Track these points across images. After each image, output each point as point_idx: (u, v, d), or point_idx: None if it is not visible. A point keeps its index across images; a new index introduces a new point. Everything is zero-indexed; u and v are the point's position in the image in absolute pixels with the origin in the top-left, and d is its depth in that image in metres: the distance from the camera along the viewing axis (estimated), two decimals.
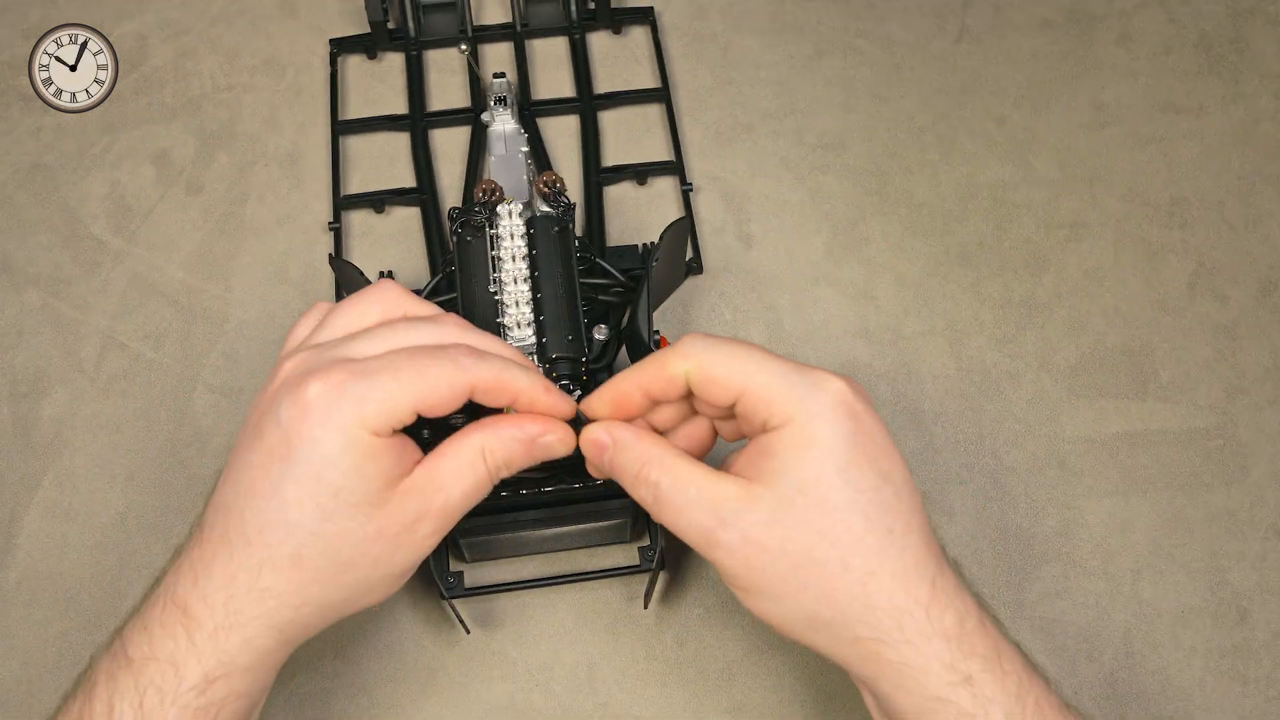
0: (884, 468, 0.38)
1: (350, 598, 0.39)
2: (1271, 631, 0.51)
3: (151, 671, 0.37)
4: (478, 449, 0.39)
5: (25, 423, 0.56)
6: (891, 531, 0.37)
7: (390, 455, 0.38)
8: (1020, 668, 0.38)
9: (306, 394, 0.37)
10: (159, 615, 0.38)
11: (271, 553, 0.37)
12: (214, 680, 0.38)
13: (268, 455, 0.38)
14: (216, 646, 0.38)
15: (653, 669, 0.50)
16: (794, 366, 0.39)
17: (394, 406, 0.37)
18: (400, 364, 0.38)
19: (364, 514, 0.38)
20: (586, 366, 0.50)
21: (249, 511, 0.38)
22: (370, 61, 0.67)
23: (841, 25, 0.67)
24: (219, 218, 0.61)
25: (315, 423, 0.37)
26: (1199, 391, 0.57)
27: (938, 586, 0.38)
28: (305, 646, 0.50)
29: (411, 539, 0.39)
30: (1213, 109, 0.65)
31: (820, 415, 0.37)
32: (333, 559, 0.38)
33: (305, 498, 0.37)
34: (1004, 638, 0.39)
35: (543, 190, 0.53)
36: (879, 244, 0.61)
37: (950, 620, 0.37)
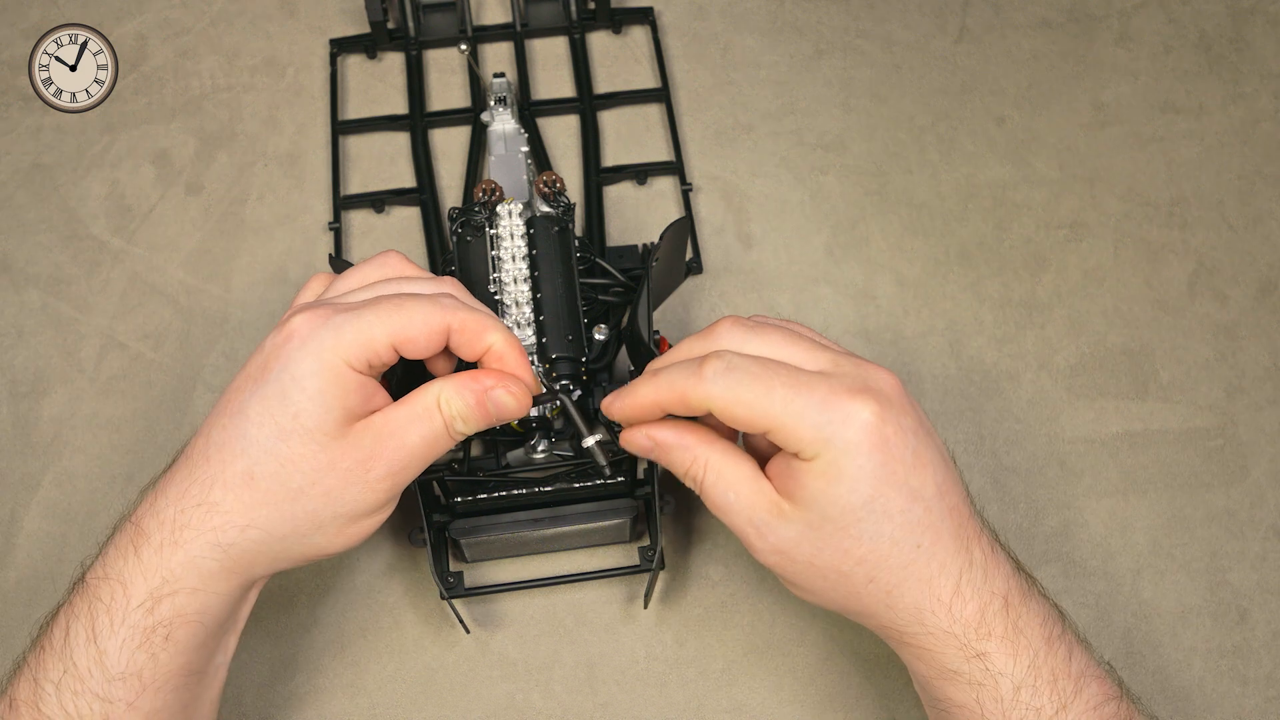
0: (914, 485, 0.38)
1: (299, 531, 0.39)
2: (1271, 631, 0.51)
3: (102, 591, 0.38)
4: (434, 397, 0.40)
5: (25, 423, 0.56)
6: (919, 546, 0.39)
7: (357, 392, 0.39)
8: (1041, 641, 0.39)
9: (289, 325, 0.39)
10: (116, 538, 0.39)
11: (224, 468, 0.38)
12: (160, 599, 0.38)
13: (244, 379, 0.39)
14: (161, 562, 0.38)
15: (653, 669, 0.50)
16: (821, 397, 0.38)
17: (370, 335, 0.38)
18: (380, 300, 0.40)
19: (318, 442, 0.38)
20: (586, 366, 0.50)
21: (214, 430, 0.39)
22: (370, 61, 0.67)
23: (841, 25, 0.67)
24: (219, 218, 0.61)
25: (294, 346, 0.38)
26: (1199, 391, 0.57)
27: (962, 583, 0.39)
28: (305, 647, 0.50)
29: (364, 479, 0.39)
30: (1213, 109, 0.65)
31: (846, 452, 0.37)
32: (283, 483, 0.38)
33: (266, 415, 0.38)
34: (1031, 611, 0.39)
35: (543, 190, 0.53)
36: (879, 244, 0.61)
37: (971, 611, 0.39)
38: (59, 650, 0.38)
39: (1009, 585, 0.40)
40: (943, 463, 0.40)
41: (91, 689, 0.37)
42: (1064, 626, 0.40)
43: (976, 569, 0.39)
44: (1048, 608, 0.40)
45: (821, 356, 0.40)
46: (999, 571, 0.40)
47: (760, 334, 0.40)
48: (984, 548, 0.40)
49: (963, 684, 0.39)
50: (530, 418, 0.49)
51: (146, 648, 0.38)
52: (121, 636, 0.37)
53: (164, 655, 0.38)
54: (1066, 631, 0.40)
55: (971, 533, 0.40)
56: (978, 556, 0.39)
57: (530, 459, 0.49)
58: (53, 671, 0.37)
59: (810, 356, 0.40)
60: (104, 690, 0.37)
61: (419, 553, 0.52)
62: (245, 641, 0.50)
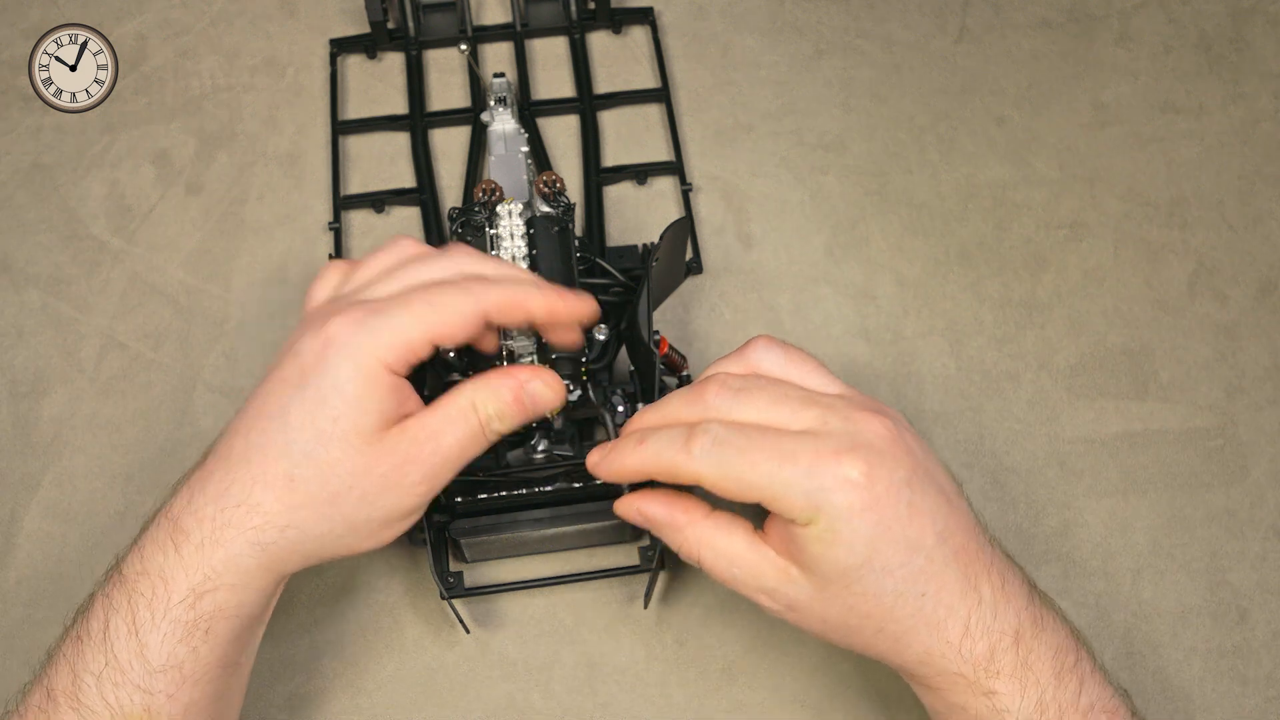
0: (912, 537, 0.38)
1: (335, 532, 0.40)
2: (1271, 631, 0.51)
3: (142, 586, 0.38)
4: (469, 400, 0.41)
5: (25, 423, 0.56)
6: (924, 595, 0.39)
7: (393, 395, 0.40)
8: (1050, 676, 0.39)
9: (327, 329, 0.39)
10: (153, 533, 0.40)
11: (265, 470, 0.39)
12: (201, 595, 0.39)
13: (281, 383, 0.40)
14: (202, 560, 0.39)
15: (653, 669, 0.50)
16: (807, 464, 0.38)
17: (408, 337, 0.39)
18: (412, 297, 0.40)
19: (355, 446, 0.39)
20: (586, 366, 0.50)
21: (253, 432, 0.40)
22: (370, 61, 0.67)
23: (841, 25, 0.67)
24: (219, 218, 0.61)
25: (332, 352, 0.39)
26: (1199, 391, 0.57)
27: (971, 623, 0.39)
28: (305, 647, 0.50)
29: (400, 482, 0.40)
30: (1213, 109, 0.65)
31: (839, 517, 0.38)
32: (323, 486, 0.39)
33: (306, 420, 0.39)
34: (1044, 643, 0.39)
35: (543, 190, 0.53)
36: (879, 244, 0.61)
37: (980, 650, 0.39)
38: (98, 643, 0.38)
39: (1020, 619, 0.39)
40: (944, 505, 0.39)
41: (132, 680, 0.38)
42: (1078, 657, 0.40)
43: (986, 607, 0.39)
44: (1062, 637, 0.40)
45: (808, 414, 0.39)
46: (1010, 606, 0.39)
47: (746, 398, 0.40)
48: (994, 583, 0.39)
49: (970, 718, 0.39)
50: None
51: (188, 641, 0.39)
52: (163, 630, 0.38)
53: (204, 648, 0.39)
54: (1080, 663, 0.40)
55: (980, 569, 0.39)
56: (987, 594, 0.39)
57: (530, 459, 0.49)
58: (93, 664, 0.38)
59: (797, 415, 0.40)
60: (145, 682, 0.38)
61: (419, 553, 0.52)
62: None
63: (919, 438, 0.41)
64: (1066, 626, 0.41)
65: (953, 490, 0.41)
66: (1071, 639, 0.40)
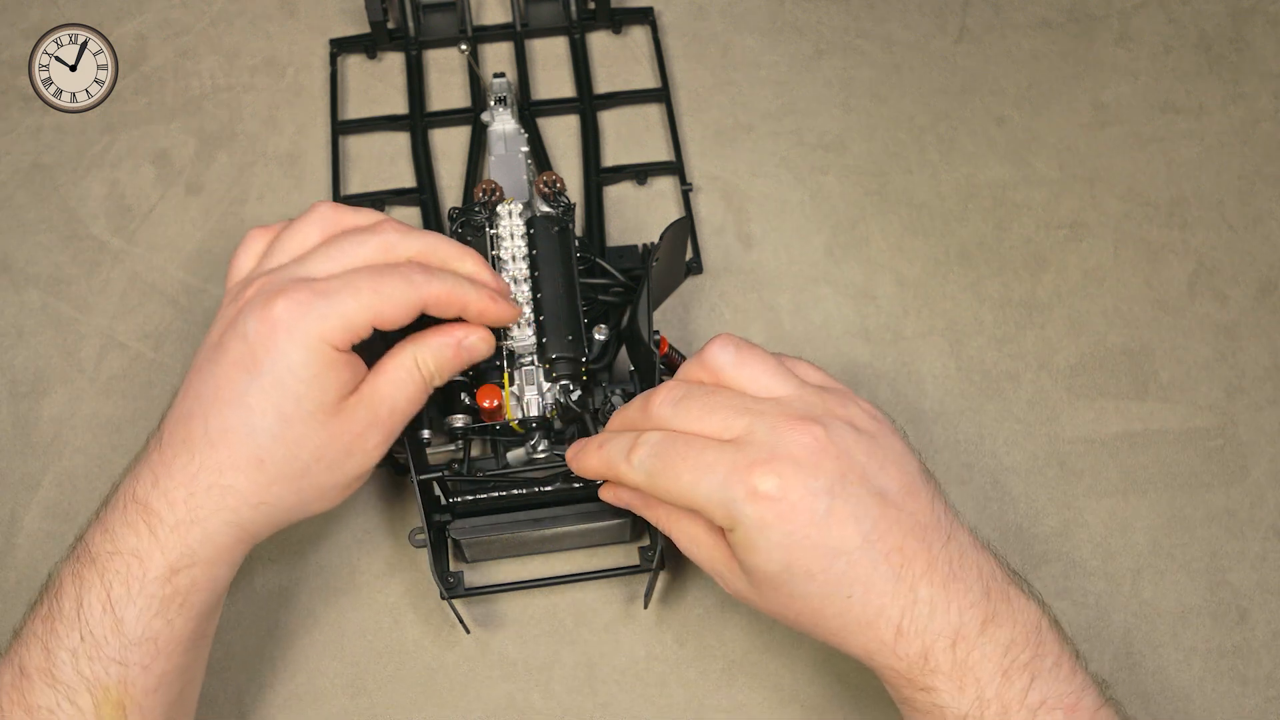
0: (832, 544, 0.39)
1: (305, 500, 0.43)
2: (1271, 631, 0.51)
3: (116, 564, 0.39)
4: (411, 360, 0.44)
5: (25, 423, 0.56)
6: (850, 597, 0.39)
7: (346, 369, 0.42)
8: (995, 674, 0.39)
9: (273, 311, 0.40)
10: (120, 515, 0.40)
11: (234, 454, 0.40)
12: (177, 571, 0.40)
13: (232, 366, 0.41)
14: (179, 539, 0.40)
15: (653, 669, 0.50)
16: (723, 477, 0.39)
17: (353, 322, 0.41)
18: (359, 283, 0.41)
19: (319, 421, 0.41)
20: (586, 366, 0.50)
21: (212, 417, 0.40)
22: (370, 61, 0.67)
23: (841, 25, 0.67)
24: (219, 218, 0.61)
25: (281, 337, 0.40)
26: (1199, 391, 0.57)
27: (904, 623, 0.39)
28: (306, 648, 0.50)
29: (362, 446, 0.43)
30: (1213, 109, 0.65)
31: (754, 527, 0.39)
32: (291, 463, 0.41)
33: (268, 404, 0.40)
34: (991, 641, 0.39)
35: (543, 190, 0.53)
36: (879, 244, 0.61)
37: (915, 649, 0.39)
38: (71, 620, 0.39)
39: (964, 618, 0.39)
40: (877, 508, 0.40)
41: (108, 654, 0.39)
42: (1036, 653, 0.39)
43: (921, 607, 0.39)
44: (1020, 632, 0.39)
45: (738, 424, 0.41)
46: (953, 605, 0.39)
47: (684, 408, 0.42)
48: (936, 581, 0.39)
49: (913, 712, 0.41)
50: (530, 417, 0.49)
51: (163, 614, 0.40)
52: (139, 605, 0.39)
53: (178, 621, 0.40)
54: (1039, 659, 0.39)
55: (920, 569, 0.39)
56: (924, 594, 0.39)
57: (530, 459, 0.49)
58: (67, 640, 0.39)
59: (728, 425, 0.41)
60: (121, 655, 0.39)
61: (419, 553, 0.52)
62: (246, 642, 0.50)
63: (875, 435, 0.42)
64: (1033, 621, 0.40)
65: (901, 490, 0.41)
66: (1034, 633, 0.40)
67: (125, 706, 0.39)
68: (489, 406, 0.48)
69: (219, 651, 0.50)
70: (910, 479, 0.41)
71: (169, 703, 0.41)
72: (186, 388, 0.43)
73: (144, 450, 0.43)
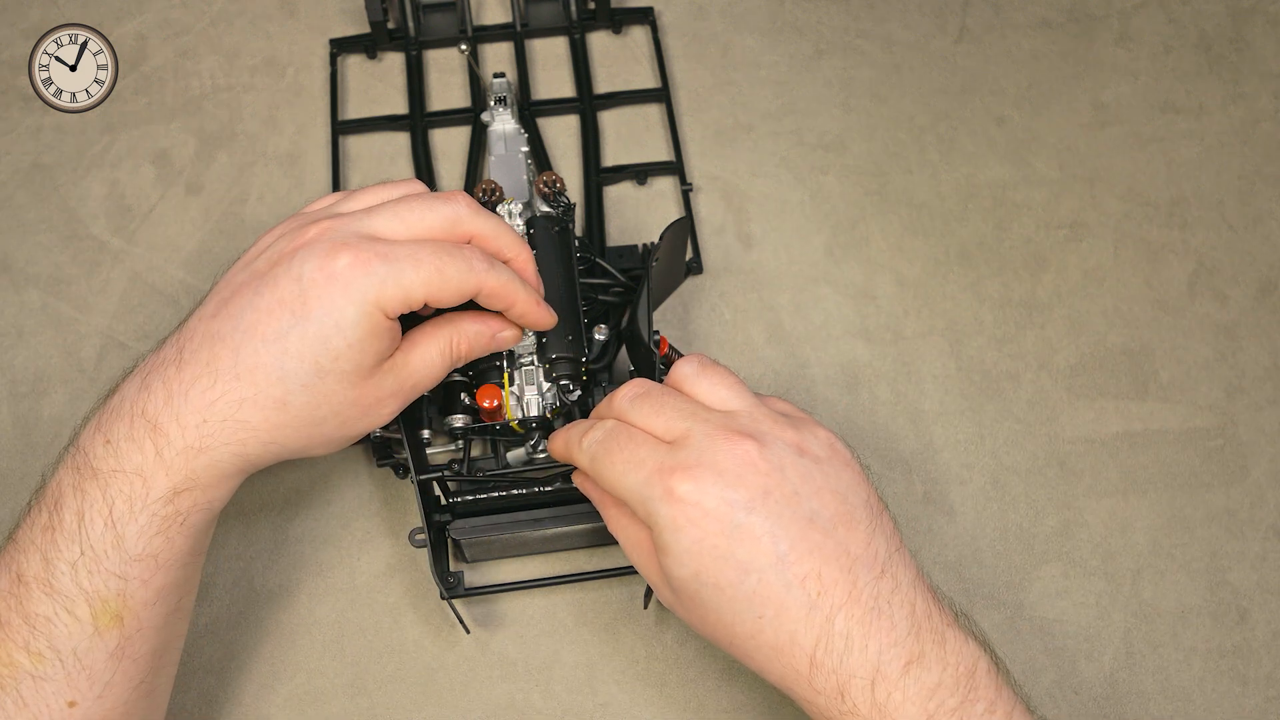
0: (742, 559, 0.38)
1: (309, 446, 0.43)
2: (1271, 631, 0.51)
3: (120, 482, 0.40)
4: (447, 342, 0.45)
5: (25, 423, 0.56)
6: (761, 617, 0.39)
7: (388, 337, 0.42)
8: (918, 717, 0.37)
9: (336, 262, 0.41)
10: (126, 429, 0.40)
11: (258, 391, 0.40)
12: (179, 493, 0.40)
13: (278, 304, 0.41)
14: (185, 463, 0.40)
15: (653, 669, 0.50)
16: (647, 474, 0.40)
17: (409, 294, 0.41)
18: (423, 256, 0.42)
19: (349, 382, 0.42)
20: (586, 366, 0.50)
21: (245, 348, 0.40)
22: (370, 61, 0.67)
23: (841, 25, 0.67)
24: (219, 218, 0.61)
25: (338, 290, 0.40)
26: (1199, 391, 0.57)
27: (818, 655, 0.38)
28: (306, 648, 0.50)
29: (379, 410, 0.44)
30: (1213, 109, 0.65)
31: (666, 528, 0.39)
32: (311, 413, 0.42)
33: (306, 352, 0.40)
34: (914, 683, 0.37)
35: (543, 190, 0.53)
36: (879, 244, 0.61)
37: (830, 687, 0.38)
38: (72, 533, 0.39)
39: (884, 657, 0.37)
40: (799, 530, 0.38)
41: (107, 568, 0.39)
42: (965, 698, 0.37)
43: (838, 640, 0.38)
44: (950, 675, 0.38)
45: (680, 426, 0.41)
46: (874, 643, 0.38)
47: (640, 403, 0.43)
48: (856, 615, 0.38)
49: None
50: (530, 417, 0.49)
51: (164, 533, 0.40)
52: (141, 523, 0.40)
53: (178, 538, 0.41)
54: (970, 705, 0.37)
55: (838, 600, 0.38)
56: (841, 627, 0.38)
57: (530, 459, 0.49)
58: (67, 552, 0.39)
59: (671, 426, 0.41)
60: (120, 569, 0.39)
61: (419, 553, 0.52)
62: (247, 642, 0.50)
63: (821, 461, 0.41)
64: (968, 663, 0.38)
65: (834, 517, 0.39)
66: (966, 677, 0.38)
67: (123, 618, 0.40)
68: (489, 406, 0.48)
69: (219, 651, 0.50)
70: (849, 509, 0.40)
71: (166, 613, 0.42)
72: (222, 306, 0.42)
73: (158, 354, 0.42)
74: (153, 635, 0.41)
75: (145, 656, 0.41)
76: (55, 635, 0.39)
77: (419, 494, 0.48)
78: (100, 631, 0.39)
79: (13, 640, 0.39)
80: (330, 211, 0.45)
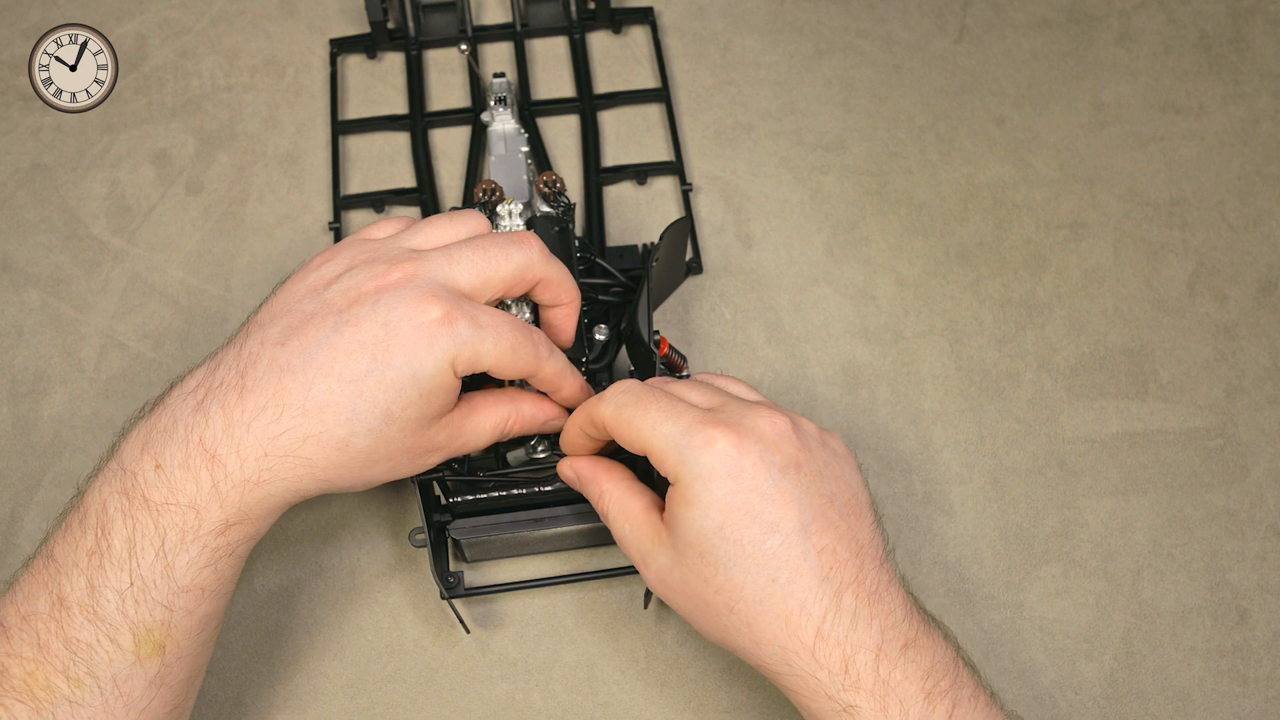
0: (770, 519, 0.39)
1: (354, 485, 0.43)
2: (1271, 631, 0.51)
3: (173, 514, 0.40)
4: (504, 417, 0.46)
5: (25, 423, 0.56)
6: (775, 580, 0.39)
7: (452, 394, 0.43)
8: (919, 696, 0.38)
9: (426, 314, 0.41)
10: (181, 456, 0.40)
11: (324, 430, 0.40)
12: (231, 525, 0.40)
13: (359, 346, 0.41)
14: (240, 497, 0.40)
15: (653, 669, 0.50)
16: (687, 424, 0.41)
17: (480, 361, 0.42)
18: (503, 331, 0.43)
19: (410, 431, 0.42)
20: (586, 366, 0.50)
21: (318, 384, 0.40)
22: (370, 61, 0.67)
23: (841, 25, 0.67)
24: (219, 218, 0.61)
25: (423, 343, 0.41)
26: (1199, 391, 0.57)
27: (825, 627, 0.39)
28: (306, 648, 0.50)
29: (425, 460, 0.44)
30: (1213, 109, 0.65)
31: (700, 477, 0.40)
32: (369, 456, 0.42)
33: (380, 398, 0.41)
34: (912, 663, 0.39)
35: (543, 190, 0.53)
36: (879, 244, 0.61)
37: (835, 660, 0.39)
38: (122, 561, 0.39)
39: (885, 637, 0.39)
40: (821, 505, 0.40)
41: (155, 598, 0.39)
42: (955, 681, 0.39)
43: (844, 615, 0.39)
44: (939, 660, 0.39)
45: (714, 399, 0.43)
46: (875, 622, 0.39)
47: (671, 384, 0.45)
48: (861, 596, 0.39)
49: None
50: None
51: (214, 564, 0.40)
52: (192, 554, 0.40)
53: (226, 569, 0.41)
54: (958, 688, 0.39)
55: (848, 578, 0.39)
56: (848, 603, 0.39)
57: (530, 459, 0.49)
58: (115, 581, 0.39)
59: (706, 398, 0.43)
60: (168, 600, 0.39)
61: (419, 553, 0.52)
62: (247, 643, 0.50)
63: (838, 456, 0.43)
64: (950, 654, 0.40)
65: (847, 506, 0.41)
66: (952, 664, 0.40)
67: (165, 647, 0.40)
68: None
69: (219, 651, 0.50)
70: (858, 503, 0.42)
71: (205, 641, 0.42)
72: (290, 335, 0.41)
73: (213, 374, 0.42)
74: (190, 661, 0.41)
75: (182, 683, 0.41)
76: (95, 662, 0.38)
77: (419, 494, 0.48)
78: (141, 660, 0.39)
79: (51, 664, 0.38)
80: (402, 248, 0.44)
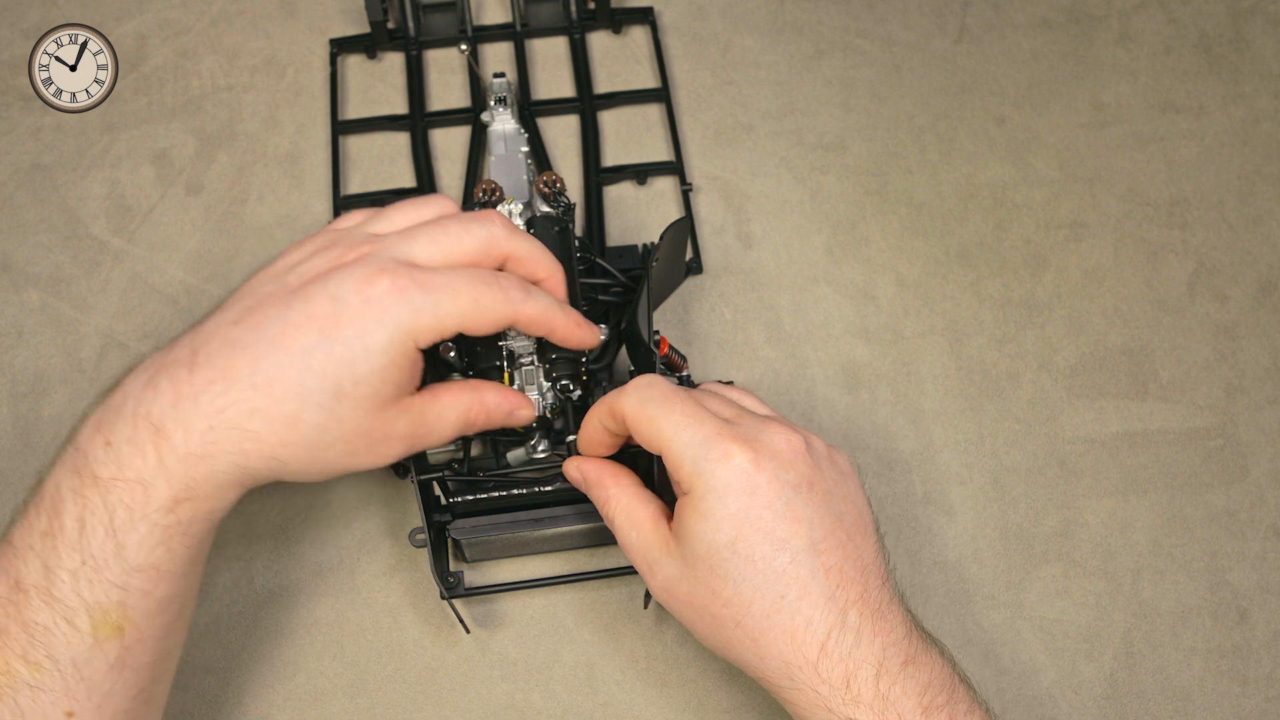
0: (781, 536, 0.40)
1: (308, 470, 0.42)
2: (1271, 631, 0.51)
3: (120, 490, 0.39)
4: (466, 406, 0.44)
5: (25, 423, 0.56)
6: (783, 597, 0.40)
7: (412, 371, 0.42)
8: (916, 711, 0.39)
9: (374, 287, 0.40)
10: (129, 432, 0.40)
11: (271, 403, 0.39)
12: (180, 502, 0.40)
13: (309, 319, 0.40)
14: (185, 471, 0.39)
15: (653, 669, 0.50)
16: (706, 435, 0.41)
17: (443, 324, 0.41)
18: (460, 286, 0.41)
19: (364, 410, 0.41)
20: (586, 366, 0.50)
21: (265, 359, 0.40)
22: (370, 61, 0.67)
23: (841, 25, 0.67)
24: (219, 218, 0.61)
25: (372, 315, 0.40)
26: (1199, 391, 0.57)
27: (829, 644, 0.39)
28: (306, 648, 0.50)
29: (383, 449, 0.43)
30: (1213, 109, 0.65)
31: (714, 490, 0.40)
32: (320, 435, 0.40)
33: (330, 372, 0.40)
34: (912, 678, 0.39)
35: (543, 190, 0.53)
36: (879, 244, 0.61)
37: (837, 675, 0.39)
38: (73, 540, 0.39)
39: (887, 654, 0.40)
40: (831, 525, 0.41)
41: (108, 578, 0.39)
42: (951, 696, 0.40)
43: (849, 632, 0.39)
44: (936, 676, 0.40)
45: (730, 411, 0.43)
46: (877, 639, 0.40)
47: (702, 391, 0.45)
48: (864, 613, 0.40)
49: None
50: None
51: (165, 543, 0.40)
52: (142, 532, 0.39)
53: (180, 549, 0.40)
54: (954, 703, 0.40)
55: (853, 596, 0.40)
56: (853, 620, 0.40)
57: (530, 459, 0.49)
58: (68, 560, 0.39)
59: (723, 409, 0.43)
60: (121, 580, 0.39)
61: (419, 553, 0.52)
62: (246, 642, 0.50)
63: (845, 475, 0.44)
64: (947, 670, 0.41)
65: (854, 525, 0.42)
66: (949, 681, 0.40)
67: (124, 629, 0.39)
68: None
69: (218, 651, 0.50)
70: (864, 522, 0.43)
71: (166, 623, 0.41)
72: (245, 314, 0.41)
73: (167, 353, 0.41)
74: (153, 645, 0.41)
75: (145, 666, 0.41)
76: (54, 645, 0.38)
77: (419, 494, 0.48)
78: (100, 643, 0.39)
79: (10, 649, 0.38)
80: (364, 232, 0.44)
